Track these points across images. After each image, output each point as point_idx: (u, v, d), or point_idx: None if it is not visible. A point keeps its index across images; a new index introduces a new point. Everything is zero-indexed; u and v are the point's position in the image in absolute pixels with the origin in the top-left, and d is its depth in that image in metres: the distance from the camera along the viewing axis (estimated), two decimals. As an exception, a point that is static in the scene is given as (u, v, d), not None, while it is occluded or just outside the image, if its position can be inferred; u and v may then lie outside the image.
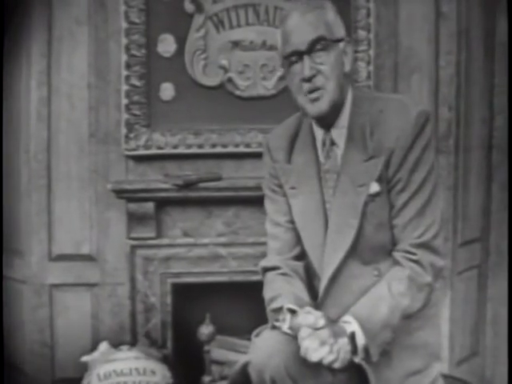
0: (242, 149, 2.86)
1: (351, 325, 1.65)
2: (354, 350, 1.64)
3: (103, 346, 2.56)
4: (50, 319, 2.93)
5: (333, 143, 1.80)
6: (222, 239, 2.85)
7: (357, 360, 1.64)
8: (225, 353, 2.78)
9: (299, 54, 1.71)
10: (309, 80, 1.71)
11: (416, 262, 1.70)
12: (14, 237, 2.97)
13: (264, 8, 2.85)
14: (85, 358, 2.50)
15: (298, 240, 1.89)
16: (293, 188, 1.86)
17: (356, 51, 2.76)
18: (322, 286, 1.79)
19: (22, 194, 2.94)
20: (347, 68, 1.76)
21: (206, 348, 2.76)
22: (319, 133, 1.84)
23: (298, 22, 1.71)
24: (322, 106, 1.73)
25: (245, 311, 2.74)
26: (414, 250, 1.71)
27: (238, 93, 2.86)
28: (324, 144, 1.82)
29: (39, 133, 2.88)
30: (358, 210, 1.73)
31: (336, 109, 1.76)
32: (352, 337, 1.63)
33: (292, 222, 1.89)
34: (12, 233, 2.97)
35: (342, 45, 1.74)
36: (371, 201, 1.73)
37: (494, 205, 3.22)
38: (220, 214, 2.86)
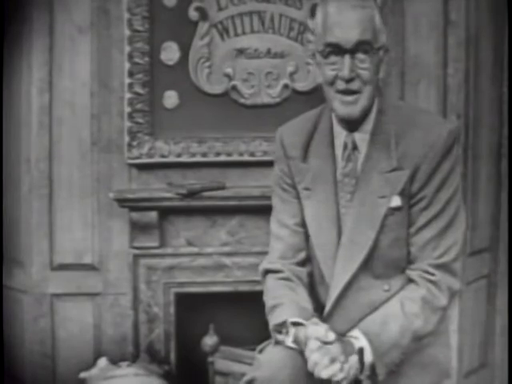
0: (246, 157, 2.85)
1: (360, 340, 1.61)
2: (361, 367, 1.60)
3: (102, 361, 2.55)
4: (50, 330, 2.91)
5: (355, 147, 1.75)
6: (226, 249, 2.83)
7: (362, 377, 1.61)
8: (229, 364, 2.75)
9: (341, 50, 1.65)
10: (346, 81, 1.66)
11: (434, 283, 1.66)
12: (14, 246, 2.96)
13: (269, 15, 2.83)
14: (83, 375, 2.48)
15: (304, 245, 1.84)
16: (307, 189, 1.80)
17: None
18: (332, 297, 1.74)
19: (22, 202, 2.92)
20: (381, 75, 1.71)
21: (210, 359, 2.74)
22: (341, 134, 1.78)
23: (348, 15, 1.63)
24: (355, 110, 1.68)
25: (249, 321, 2.72)
26: (432, 271, 1.67)
27: (242, 101, 2.85)
28: (346, 147, 1.77)
29: (40, 141, 2.87)
30: (377, 221, 1.68)
31: (368, 107, 1.72)
32: (360, 352, 1.59)
33: (300, 225, 1.83)
34: (12, 242, 2.96)
35: (381, 52, 1.70)
36: (391, 214, 1.69)
37: (503, 214, 3.19)
38: (224, 223, 2.84)
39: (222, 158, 2.84)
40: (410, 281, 1.70)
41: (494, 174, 3.17)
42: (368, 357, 1.60)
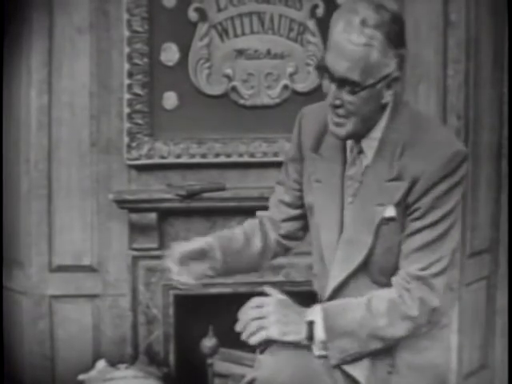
0: (246, 158, 2.85)
1: (314, 314, 1.62)
2: (310, 337, 1.60)
3: (101, 364, 2.54)
4: (50, 331, 2.91)
5: (361, 151, 1.75)
6: (226, 250, 2.82)
7: (317, 352, 1.61)
8: (228, 366, 2.74)
9: (331, 75, 1.62)
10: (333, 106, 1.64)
11: (407, 290, 1.65)
12: (13, 247, 2.95)
13: (269, 16, 2.84)
14: (82, 377, 2.48)
15: (281, 223, 1.90)
16: (318, 181, 1.79)
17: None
18: (326, 293, 1.75)
19: (21, 203, 2.92)
20: (385, 101, 1.65)
21: (209, 361, 2.73)
22: None
23: (342, 46, 1.57)
24: (341, 132, 1.66)
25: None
26: (409, 279, 1.65)
27: (242, 102, 2.85)
28: (352, 150, 1.76)
29: (40, 142, 2.86)
30: (372, 229, 1.68)
31: (364, 129, 1.69)
32: (310, 325, 1.61)
33: (289, 205, 1.89)
34: (11, 243, 2.95)
35: (382, 83, 1.62)
36: (385, 224, 1.68)
37: (503, 215, 3.19)
38: (224, 224, 2.82)
39: (222, 159, 2.85)
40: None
41: (494, 174, 3.17)
42: (320, 334, 1.60)
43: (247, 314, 1.61)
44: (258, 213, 1.98)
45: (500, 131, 3.18)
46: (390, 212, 1.67)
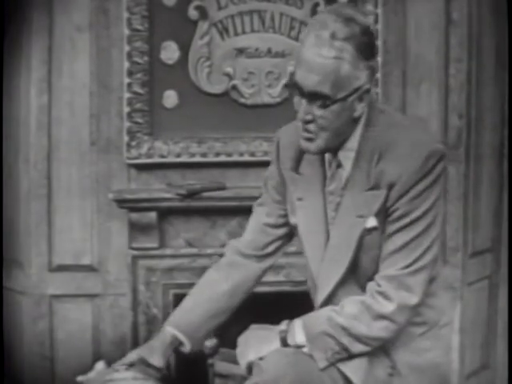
0: (246, 157, 2.85)
1: (292, 322, 1.68)
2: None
3: (100, 365, 2.51)
4: (49, 331, 2.91)
5: (339, 165, 1.74)
6: (226, 250, 2.83)
7: (306, 349, 1.65)
8: (229, 366, 2.73)
9: (301, 91, 1.61)
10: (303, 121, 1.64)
11: (379, 293, 1.64)
12: (13, 247, 2.96)
13: (270, 14, 2.83)
14: (80, 379, 2.45)
15: (266, 246, 1.89)
16: (300, 199, 1.79)
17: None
18: (316, 306, 1.77)
19: (21, 203, 2.92)
20: (357, 114, 1.64)
21: (210, 361, 2.72)
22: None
23: (312, 60, 1.56)
24: (311, 148, 1.66)
25: (249, 323, 2.70)
26: (380, 282, 1.65)
27: (242, 100, 2.85)
28: (330, 165, 1.75)
29: (39, 141, 2.86)
30: (354, 241, 1.68)
31: (336, 142, 1.68)
32: (282, 333, 1.68)
33: (273, 226, 1.88)
34: (11, 243, 2.95)
35: (353, 96, 1.61)
36: (368, 234, 1.67)
37: (505, 215, 3.19)
38: (224, 223, 2.84)
39: (222, 159, 2.84)
40: None
41: (495, 174, 3.17)
42: (300, 337, 1.65)
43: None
44: (233, 245, 1.96)
45: (502, 131, 3.17)
46: (372, 222, 1.66)
